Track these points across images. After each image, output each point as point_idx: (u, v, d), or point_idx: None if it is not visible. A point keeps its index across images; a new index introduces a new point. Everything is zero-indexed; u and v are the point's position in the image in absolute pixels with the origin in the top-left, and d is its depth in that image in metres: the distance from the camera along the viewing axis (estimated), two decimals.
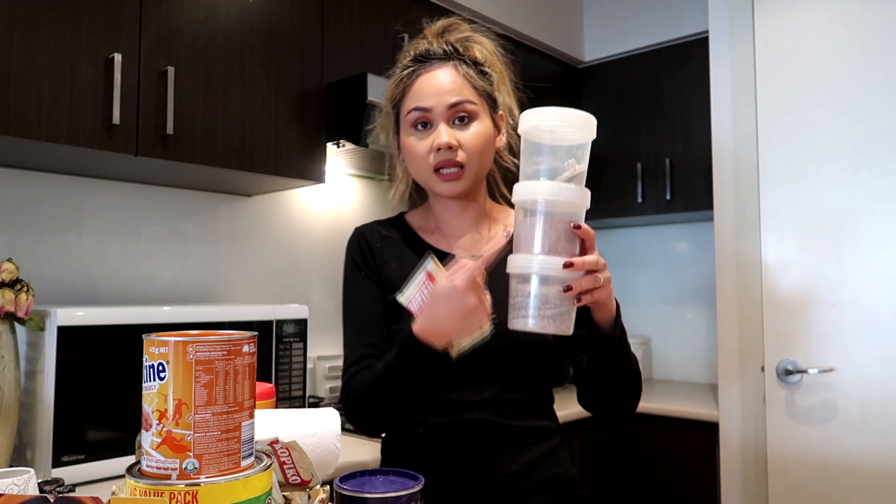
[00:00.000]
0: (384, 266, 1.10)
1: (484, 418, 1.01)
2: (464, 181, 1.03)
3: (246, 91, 1.70)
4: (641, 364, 2.86)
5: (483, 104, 1.05)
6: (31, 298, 1.34)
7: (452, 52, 1.06)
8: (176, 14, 1.58)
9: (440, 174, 1.02)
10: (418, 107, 1.03)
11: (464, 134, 1.02)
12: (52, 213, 1.70)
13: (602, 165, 2.84)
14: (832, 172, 2.02)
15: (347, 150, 1.94)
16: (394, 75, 1.10)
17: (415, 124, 1.04)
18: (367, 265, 1.11)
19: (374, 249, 1.11)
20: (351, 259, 1.13)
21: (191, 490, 0.62)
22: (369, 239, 1.13)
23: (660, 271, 3.01)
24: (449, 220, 1.12)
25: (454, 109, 1.02)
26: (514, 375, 1.04)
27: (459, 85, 1.03)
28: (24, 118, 1.34)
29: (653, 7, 2.75)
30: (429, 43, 1.08)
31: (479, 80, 1.05)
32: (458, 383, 1.02)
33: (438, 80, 1.03)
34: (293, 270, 2.22)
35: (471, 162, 1.03)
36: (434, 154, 1.02)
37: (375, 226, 1.16)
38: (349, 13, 1.97)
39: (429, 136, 1.03)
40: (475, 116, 1.03)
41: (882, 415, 1.90)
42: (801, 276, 2.05)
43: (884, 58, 1.95)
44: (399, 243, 1.12)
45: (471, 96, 1.03)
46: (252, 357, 0.68)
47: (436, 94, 1.02)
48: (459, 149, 1.02)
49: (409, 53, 1.09)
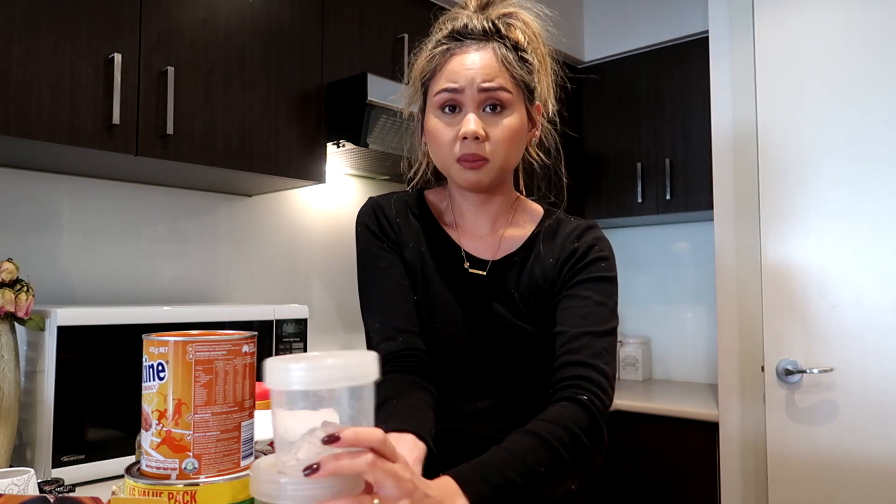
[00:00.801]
0: (402, 244, 1.02)
1: (478, 432, 0.97)
2: (486, 173, 0.94)
3: (246, 91, 1.70)
4: (641, 364, 2.88)
5: (519, 93, 0.95)
6: (31, 298, 1.34)
7: (493, 32, 0.95)
8: (176, 14, 1.58)
9: (462, 162, 0.94)
10: (448, 87, 0.93)
11: (493, 125, 0.93)
12: (52, 213, 1.70)
13: (602, 165, 2.84)
14: (832, 172, 2.02)
15: (347, 150, 1.94)
16: (425, 49, 1.00)
17: (442, 106, 0.95)
18: (387, 237, 1.02)
19: (392, 223, 1.03)
20: (368, 230, 1.03)
21: (190, 490, 0.62)
22: (387, 212, 1.04)
23: (660, 271, 3.01)
24: (465, 213, 1.05)
25: (486, 95, 0.93)
26: (512, 389, 0.99)
27: (496, 70, 0.93)
28: (24, 118, 1.34)
29: (653, 7, 2.75)
30: (468, 17, 0.97)
31: (518, 67, 0.95)
32: (458, 391, 0.98)
33: (473, 62, 0.93)
34: (293, 270, 2.22)
35: (496, 156, 0.94)
36: (460, 143, 0.93)
37: (394, 199, 1.06)
38: (349, 13, 1.97)
39: (456, 121, 0.94)
40: (509, 106, 0.94)
41: (882, 415, 1.90)
42: (801, 276, 2.05)
43: (884, 57, 1.95)
44: (418, 224, 1.04)
45: (507, 84, 0.93)
46: (252, 357, 0.68)
47: (469, 77, 0.92)
48: (486, 141, 0.93)
49: (447, 27, 0.98)
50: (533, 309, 0.99)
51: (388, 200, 1.06)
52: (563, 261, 1.00)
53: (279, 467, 0.63)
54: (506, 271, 1.01)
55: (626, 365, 2.95)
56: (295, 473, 0.62)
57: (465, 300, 1.00)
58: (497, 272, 1.01)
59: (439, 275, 1.01)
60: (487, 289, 1.00)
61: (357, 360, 0.65)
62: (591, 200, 2.87)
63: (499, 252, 1.02)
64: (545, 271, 1.00)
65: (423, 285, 1.01)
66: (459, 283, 1.01)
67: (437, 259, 1.02)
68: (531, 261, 1.01)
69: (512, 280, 1.00)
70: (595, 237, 1.02)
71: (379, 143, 1.89)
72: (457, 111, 0.94)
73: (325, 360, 0.63)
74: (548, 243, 1.02)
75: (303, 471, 0.59)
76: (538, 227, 1.04)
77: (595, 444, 0.85)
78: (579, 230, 1.03)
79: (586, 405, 0.86)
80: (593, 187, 2.87)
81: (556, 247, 1.01)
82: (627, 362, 2.94)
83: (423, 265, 1.02)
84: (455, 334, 0.99)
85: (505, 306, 0.99)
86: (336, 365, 0.63)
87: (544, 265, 1.00)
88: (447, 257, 1.02)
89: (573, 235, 1.02)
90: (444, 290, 1.00)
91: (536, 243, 1.02)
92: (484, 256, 1.02)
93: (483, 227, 1.04)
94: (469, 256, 1.02)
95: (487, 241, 1.04)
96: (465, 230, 1.05)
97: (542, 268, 1.00)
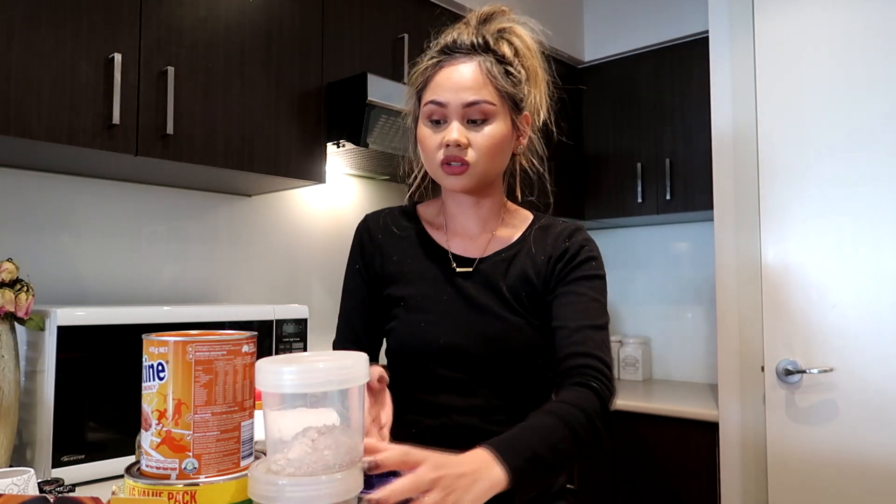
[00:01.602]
0: (385, 259, 1.11)
1: (471, 424, 1.01)
2: (468, 178, 1.01)
3: (246, 91, 1.70)
4: (641, 364, 2.88)
5: (503, 105, 1.02)
6: (31, 298, 1.34)
7: (481, 46, 1.02)
8: (176, 14, 1.58)
9: (446, 167, 1.01)
10: (435, 100, 1.01)
11: (476, 134, 1.00)
12: (52, 212, 1.70)
13: (602, 165, 2.84)
14: (832, 172, 2.02)
15: (347, 150, 1.94)
16: (421, 61, 1.07)
17: (430, 116, 1.02)
18: (363, 258, 1.13)
19: (374, 241, 1.13)
20: (352, 249, 1.16)
21: (190, 490, 0.62)
22: (372, 229, 1.14)
23: (660, 271, 3.01)
24: (457, 217, 1.11)
25: (470, 108, 1.00)
26: (504, 383, 1.03)
27: (480, 83, 1.00)
28: (24, 118, 1.34)
29: (653, 7, 2.75)
30: (459, 32, 1.05)
31: (502, 79, 1.01)
32: (449, 387, 1.03)
33: (460, 76, 1.00)
34: (293, 270, 2.22)
35: (478, 161, 1.00)
36: (443, 149, 1.00)
37: (384, 216, 1.16)
38: (349, 13, 1.97)
39: (442, 130, 1.01)
40: (491, 117, 1.00)
41: (882, 415, 1.90)
42: (801, 276, 2.05)
43: (884, 57, 1.95)
44: (404, 237, 1.12)
45: (490, 97, 1.00)
46: (252, 357, 0.68)
47: (454, 91, 1.00)
48: (469, 147, 1.00)
49: (440, 41, 1.06)
50: (521, 302, 1.04)
51: (377, 218, 1.15)
52: (555, 259, 1.06)
53: (270, 466, 0.64)
54: (494, 267, 1.07)
55: (626, 365, 2.95)
56: (287, 474, 0.62)
57: (453, 298, 1.05)
58: (485, 268, 1.07)
59: (427, 278, 1.07)
60: (475, 284, 1.06)
61: (348, 362, 0.65)
62: (591, 200, 2.87)
63: (487, 250, 1.08)
64: (536, 267, 1.06)
65: (410, 290, 1.07)
66: (447, 283, 1.06)
67: (425, 264, 1.09)
68: (521, 257, 1.07)
69: (500, 274, 1.06)
70: (584, 238, 1.09)
71: (379, 143, 1.89)
72: (442, 123, 1.01)
73: (316, 363, 0.63)
74: (539, 242, 1.08)
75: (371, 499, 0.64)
76: (528, 228, 1.11)
77: (606, 426, 0.92)
78: (569, 231, 1.09)
79: (597, 391, 0.92)
80: (593, 187, 2.87)
81: (547, 245, 1.07)
82: (627, 362, 2.94)
83: (409, 272, 1.09)
84: (443, 332, 1.03)
85: (493, 300, 1.04)
86: (327, 368, 0.63)
87: (535, 262, 1.06)
88: (435, 261, 1.09)
89: (563, 235, 1.08)
90: (431, 291, 1.06)
91: (527, 242, 1.08)
92: (472, 255, 1.08)
93: (473, 228, 1.10)
94: (456, 257, 1.08)
95: (477, 242, 1.10)
96: (456, 231, 1.11)
97: (534, 264, 1.06)
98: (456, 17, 1.15)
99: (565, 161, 2.81)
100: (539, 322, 1.04)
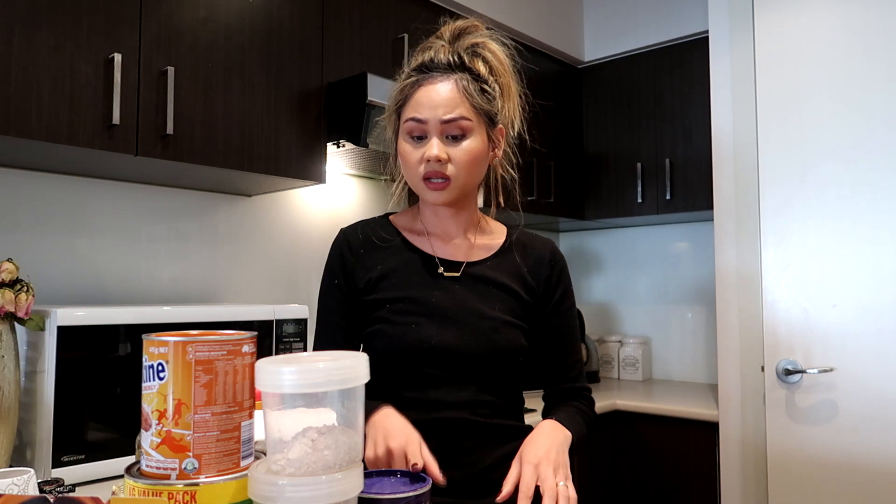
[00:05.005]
0: (368, 270, 1.13)
1: (462, 417, 1.07)
2: (449, 192, 1.07)
3: (246, 91, 1.70)
4: (641, 364, 2.88)
5: (479, 120, 1.07)
6: (31, 298, 1.34)
7: (457, 65, 1.07)
8: (176, 14, 1.58)
9: (428, 183, 1.06)
10: (414, 118, 1.05)
11: (455, 149, 1.05)
12: (52, 213, 1.70)
13: (602, 165, 2.84)
14: (832, 172, 2.02)
15: (347, 150, 1.94)
16: (399, 79, 1.11)
17: (411, 133, 1.07)
18: (344, 272, 1.14)
19: (355, 254, 1.15)
20: (329, 264, 1.16)
21: (190, 490, 0.62)
22: (352, 243, 1.16)
23: (660, 271, 3.01)
24: (437, 224, 1.16)
25: (448, 125, 1.04)
26: (491, 379, 1.09)
27: (457, 101, 1.05)
28: (24, 118, 1.34)
29: (653, 7, 2.75)
30: (437, 50, 1.09)
31: (478, 97, 1.06)
32: (438, 383, 1.07)
33: (438, 94, 1.05)
34: (293, 270, 2.22)
35: (458, 176, 1.06)
36: (424, 164, 1.05)
37: (360, 228, 1.18)
38: (349, 13, 1.97)
39: (422, 146, 1.06)
40: (469, 133, 1.06)
41: (882, 415, 1.90)
42: (801, 276, 2.05)
43: (884, 57, 1.95)
44: (387, 247, 1.15)
45: (466, 113, 1.05)
46: (252, 357, 0.68)
47: (432, 108, 1.04)
48: (449, 162, 1.05)
49: (417, 59, 1.10)
50: (510, 306, 1.12)
51: (356, 231, 1.18)
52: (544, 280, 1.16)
53: (270, 466, 0.64)
54: (482, 271, 1.13)
55: (626, 365, 2.95)
56: (287, 474, 0.62)
57: (443, 301, 1.09)
58: (473, 272, 1.13)
59: (414, 282, 1.11)
60: (463, 288, 1.11)
61: (348, 362, 0.65)
62: (591, 200, 2.87)
63: (472, 256, 1.15)
64: (522, 277, 1.15)
65: (397, 293, 1.10)
66: (435, 286, 1.11)
67: (411, 269, 1.12)
68: (507, 265, 1.15)
69: (489, 279, 1.12)
70: (560, 254, 1.21)
71: (379, 142, 1.89)
72: (422, 139, 1.06)
73: (316, 363, 0.63)
74: (520, 251, 1.18)
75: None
76: (507, 239, 1.19)
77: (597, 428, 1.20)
78: (549, 245, 1.21)
79: (591, 404, 1.19)
80: (593, 187, 2.87)
81: (529, 256, 1.17)
82: (627, 362, 2.94)
83: (395, 277, 1.12)
84: (435, 333, 1.07)
85: (482, 302, 1.10)
86: (327, 368, 0.63)
87: (520, 272, 1.15)
88: (421, 265, 1.13)
89: (546, 248, 1.19)
90: (420, 294, 1.10)
91: (511, 252, 1.17)
92: (457, 259, 1.14)
93: (454, 235, 1.16)
94: (443, 261, 1.13)
95: (460, 248, 1.16)
96: (439, 236, 1.17)
97: (520, 273, 1.15)
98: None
99: (565, 161, 2.81)
100: (526, 325, 1.13)
